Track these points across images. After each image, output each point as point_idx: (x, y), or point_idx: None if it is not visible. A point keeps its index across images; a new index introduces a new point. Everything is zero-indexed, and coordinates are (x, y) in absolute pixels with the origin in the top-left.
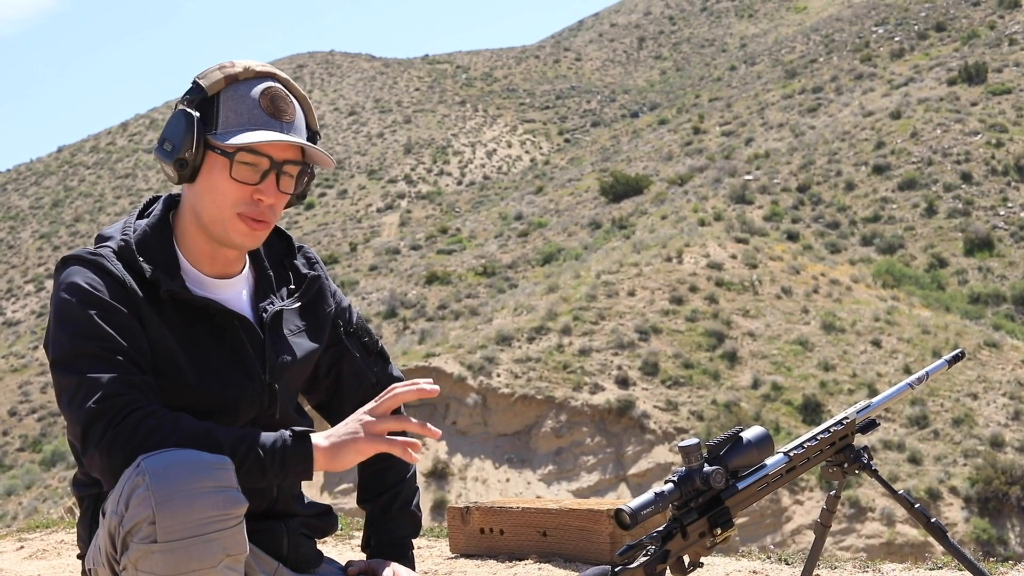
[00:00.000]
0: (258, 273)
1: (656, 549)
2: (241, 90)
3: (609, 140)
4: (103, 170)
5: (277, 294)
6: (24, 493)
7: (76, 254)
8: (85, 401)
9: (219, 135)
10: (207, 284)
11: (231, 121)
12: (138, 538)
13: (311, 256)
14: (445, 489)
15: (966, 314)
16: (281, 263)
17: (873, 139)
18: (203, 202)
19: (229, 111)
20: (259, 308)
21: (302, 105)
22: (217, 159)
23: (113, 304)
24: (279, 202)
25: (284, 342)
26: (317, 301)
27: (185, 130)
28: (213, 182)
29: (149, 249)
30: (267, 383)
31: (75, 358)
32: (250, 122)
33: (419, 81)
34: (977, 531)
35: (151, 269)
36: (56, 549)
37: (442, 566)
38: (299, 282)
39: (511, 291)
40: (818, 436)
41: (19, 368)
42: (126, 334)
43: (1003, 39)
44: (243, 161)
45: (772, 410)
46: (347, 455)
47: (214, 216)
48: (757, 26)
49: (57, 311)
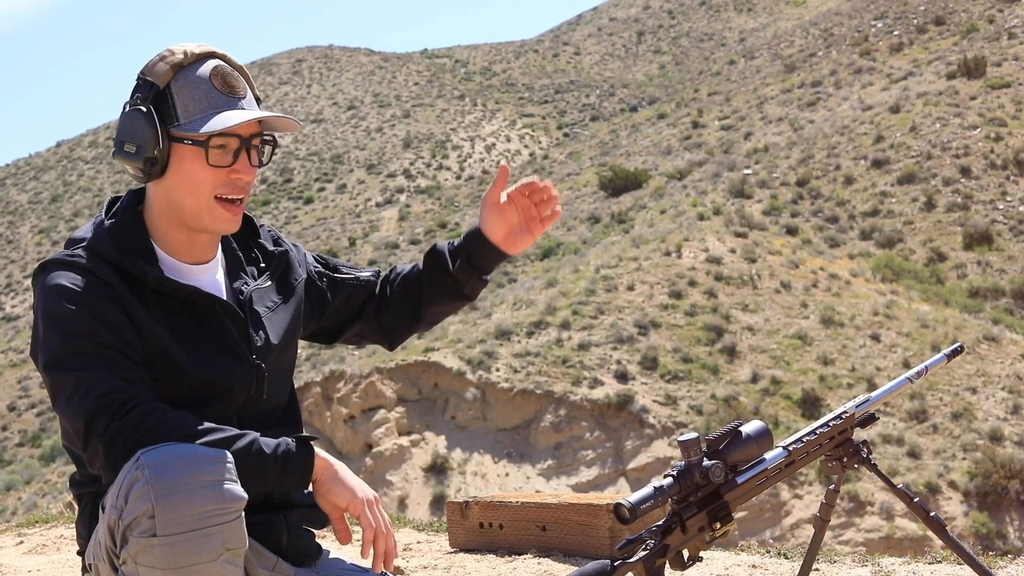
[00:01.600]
0: (228, 256)
1: (655, 543)
2: (190, 76)
3: (608, 134)
4: (102, 165)
5: (248, 273)
6: (23, 488)
7: (54, 258)
8: (86, 397)
9: (184, 126)
10: (185, 272)
11: (191, 109)
12: (137, 532)
13: (274, 234)
14: (444, 484)
15: (965, 308)
16: (246, 243)
17: (872, 133)
18: (179, 194)
19: (186, 100)
20: (235, 290)
21: (243, 75)
22: (187, 149)
23: (100, 301)
24: (253, 177)
25: (263, 321)
26: (287, 274)
27: (147, 128)
28: (187, 173)
29: (125, 243)
30: (255, 364)
31: (69, 356)
32: (211, 106)
33: (418, 75)
34: (976, 525)
35: (133, 261)
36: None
37: (441, 560)
38: (268, 260)
39: (510, 286)
40: (817, 430)
41: (18, 363)
42: (116, 329)
43: (1002, 33)
44: (216, 145)
45: (771, 404)
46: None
47: (193, 206)
48: (756, 20)
49: (44, 314)
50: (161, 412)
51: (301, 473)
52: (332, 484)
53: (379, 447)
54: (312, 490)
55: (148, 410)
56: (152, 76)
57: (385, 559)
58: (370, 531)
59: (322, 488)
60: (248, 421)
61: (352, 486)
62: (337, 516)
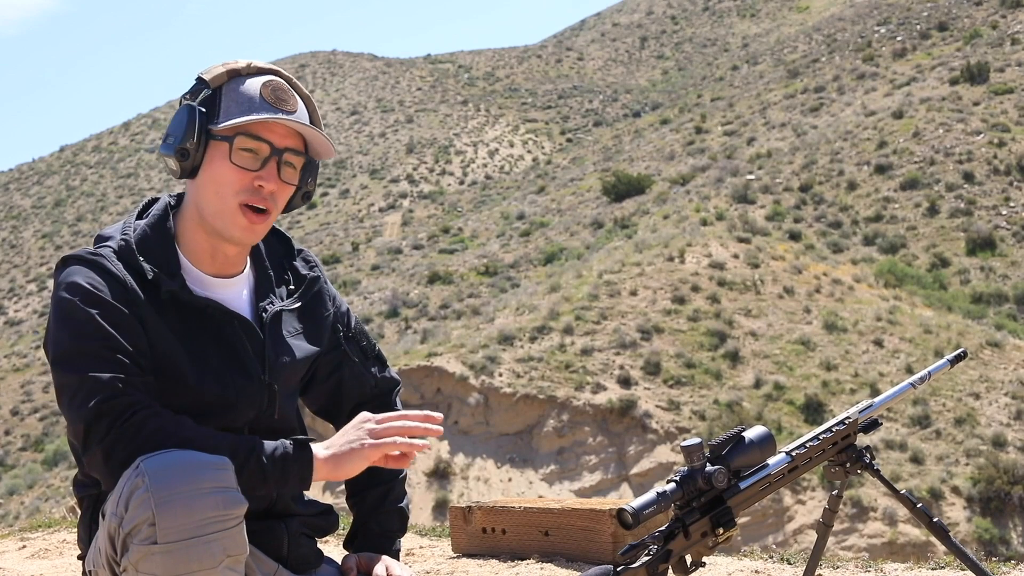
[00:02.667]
0: (259, 273)
1: (658, 549)
2: (243, 82)
3: (611, 140)
4: (105, 169)
5: (276, 294)
6: (26, 492)
7: (76, 254)
8: (88, 400)
9: (217, 123)
10: (207, 283)
11: (231, 110)
12: (138, 539)
13: (310, 259)
14: (447, 489)
15: (968, 314)
16: (281, 264)
17: (875, 139)
18: (205, 194)
19: (230, 101)
20: (259, 308)
21: (306, 102)
22: (218, 147)
23: (114, 304)
24: (281, 192)
25: (283, 343)
26: (316, 304)
27: (187, 121)
28: (214, 171)
29: (149, 249)
30: (266, 383)
31: (76, 356)
32: (250, 109)
33: (421, 81)
34: (979, 531)
35: (152, 269)
36: (58, 548)
37: (444, 566)
38: (298, 283)
39: (513, 291)
40: (820, 436)
41: (21, 368)
42: (127, 334)
43: (1005, 39)
44: (243, 147)
45: (774, 410)
46: (352, 462)
47: (216, 208)
48: (759, 26)
49: (58, 310)
50: (161, 418)
51: (301, 476)
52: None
53: None
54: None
55: (148, 416)
56: (207, 75)
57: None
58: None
59: (335, 477)
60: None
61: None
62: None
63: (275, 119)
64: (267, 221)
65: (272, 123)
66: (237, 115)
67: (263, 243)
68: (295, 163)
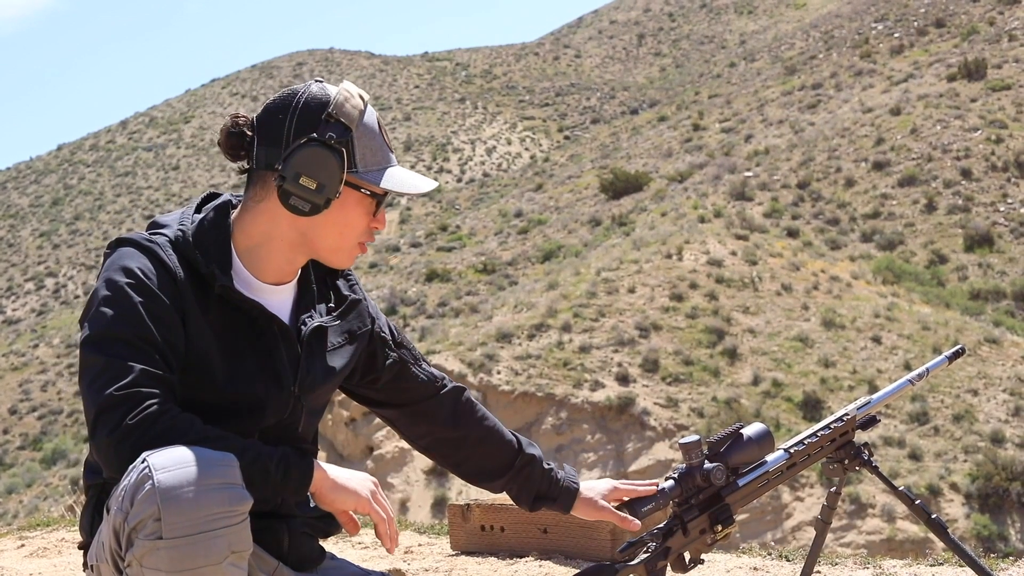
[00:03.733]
0: (302, 287)
1: (657, 546)
2: (365, 124)
3: (609, 137)
4: (103, 168)
5: (317, 310)
6: (25, 491)
7: (132, 238)
8: (107, 386)
9: (363, 175)
10: (255, 287)
11: (368, 160)
12: (143, 534)
13: (352, 278)
14: (445, 487)
15: (966, 310)
16: (324, 281)
17: (873, 135)
18: (326, 232)
19: (364, 149)
20: (299, 320)
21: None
22: (355, 195)
23: (160, 295)
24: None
25: (319, 357)
26: (354, 322)
27: (338, 170)
28: (347, 217)
29: (205, 244)
30: (296, 395)
31: (110, 340)
32: (384, 160)
33: (418, 78)
34: (978, 527)
35: (206, 263)
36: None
37: (443, 563)
38: (339, 302)
39: (511, 288)
40: (818, 433)
41: (19, 367)
42: (164, 327)
43: (1003, 35)
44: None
45: (772, 407)
46: (347, 495)
47: (336, 245)
48: (756, 23)
49: (105, 291)
50: (171, 415)
51: (300, 482)
52: (334, 494)
53: (380, 450)
54: (314, 499)
55: (161, 412)
56: (345, 119)
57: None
58: (382, 524)
59: (326, 499)
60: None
61: (353, 488)
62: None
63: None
64: None
65: None
66: (374, 166)
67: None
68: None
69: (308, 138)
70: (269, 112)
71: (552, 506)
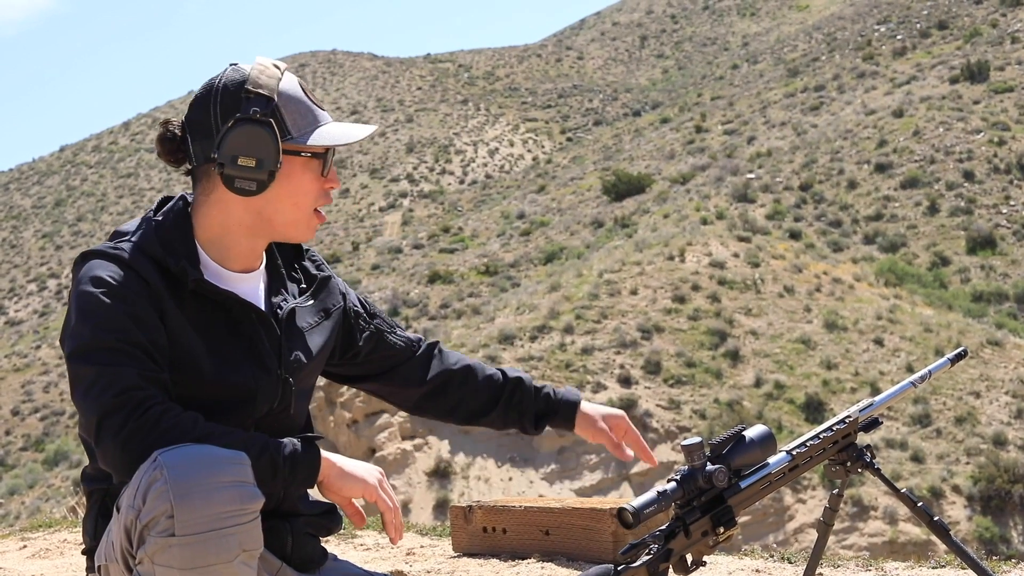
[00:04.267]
0: (271, 270)
1: (659, 548)
2: (286, 87)
3: (611, 139)
4: (105, 169)
5: (288, 291)
6: (27, 492)
7: (97, 249)
8: (103, 393)
9: (298, 139)
10: (225, 277)
11: (300, 124)
12: (156, 532)
13: (317, 259)
14: (448, 488)
15: (968, 312)
16: (291, 263)
17: (875, 137)
18: (280, 206)
19: (293, 113)
20: (273, 304)
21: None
22: (298, 162)
23: (134, 298)
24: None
25: (299, 339)
26: (325, 299)
27: (271, 141)
28: (296, 185)
29: (170, 242)
30: (283, 377)
31: (95, 350)
32: (314, 120)
33: (421, 80)
34: (980, 529)
35: (175, 261)
36: (59, 548)
37: (444, 565)
38: (309, 282)
39: (513, 290)
40: (821, 435)
41: (22, 368)
42: (146, 328)
43: (1005, 37)
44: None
45: (774, 409)
46: (352, 484)
47: (293, 218)
48: (759, 24)
49: (78, 304)
50: (175, 413)
51: (308, 473)
52: (341, 481)
53: (382, 451)
54: (320, 489)
55: (163, 411)
56: (265, 90)
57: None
58: (389, 513)
59: (333, 486)
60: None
61: (360, 476)
62: (347, 504)
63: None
64: None
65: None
66: (307, 127)
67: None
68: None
69: (234, 119)
70: (194, 108)
71: (556, 421)
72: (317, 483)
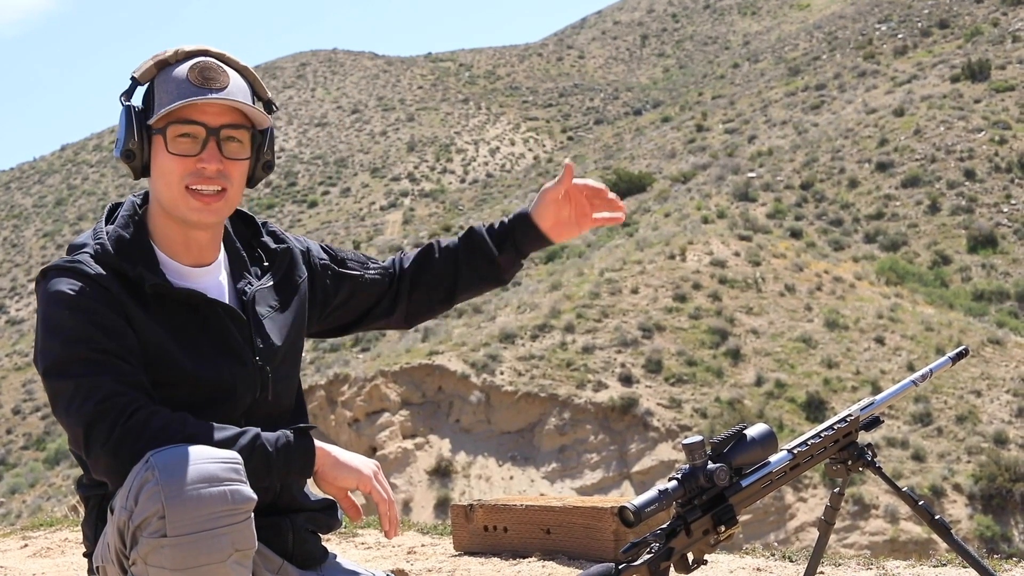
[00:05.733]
0: (231, 256)
1: (660, 547)
2: (171, 72)
3: (612, 138)
4: (106, 168)
5: (252, 273)
6: (28, 491)
7: (54, 264)
8: (84, 404)
9: (152, 117)
10: (186, 274)
11: (163, 101)
12: (148, 532)
13: (276, 232)
14: (449, 487)
15: (970, 311)
16: (250, 244)
17: (876, 136)
18: (158, 186)
19: (161, 93)
20: (238, 290)
21: (244, 75)
22: (157, 141)
23: (99, 307)
24: (231, 168)
25: (268, 323)
26: (290, 272)
27: (125, 122)
28: (159, 164)
29: (126, 248)
30: (259, 366)
31: (68, 363)
32: (178, 95)
33: (422, 79)
34: (981, 528)
35: (132, 266)
36: (60, 547)
37: (446, 564)
38: (271, 259)
39: (514, 289)
40: (822, 433)
41: (23, 367)
42: (115, 335)
43: (1006, 36)
44: (179, 134)
45: (775, 407)
46: (346, 474)
47: (168, 197)
48: (760, 23)
49: (44, 321)
50: (163, 414)
51: (303, 464)
52: (336, 471)
53: (383, 450)
54: (316, 480)
55: (150, 413)
56: (137, 73)
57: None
58: (383, 504)
59: (328, 476)
60: (256, 424)
61: (355, 466)
62: (343, 497)
63: (196, 100)
64: (224, 198)
65: (203, 104)
66: (167, 105)
67: (230, 226)
68: (239, 136)
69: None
70: None
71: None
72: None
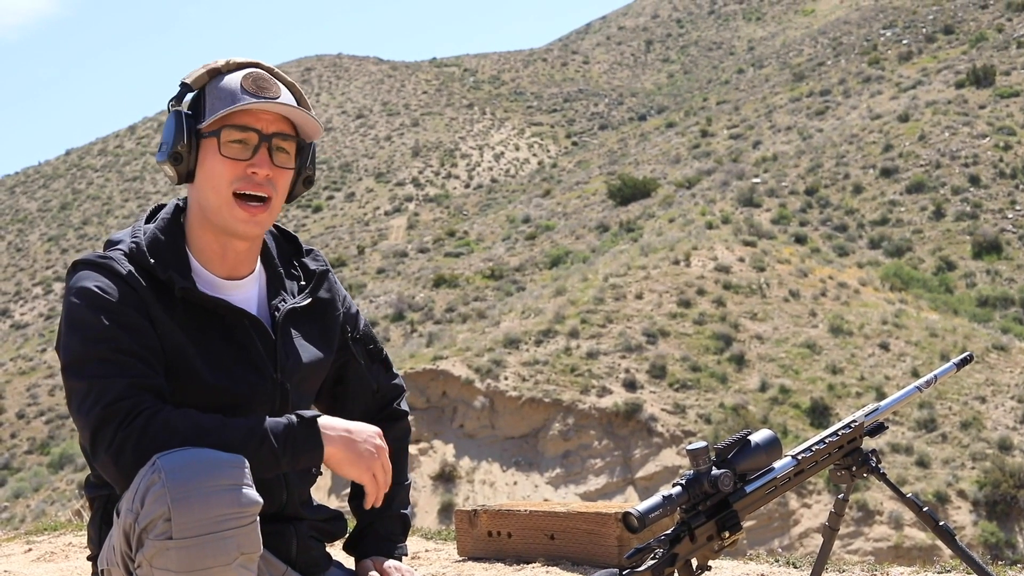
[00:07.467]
0: (269, 272)
1: (664, 552)
2: (224, 79)
3: (617, 143)
4: (111, 173)
5: (288, 291)
6: (32, 496)
7: (86, 258)
8: (94, 406)
9: (204, 121)
10: (218, 285)
11: (216, 107)
12: (153, 535)
13: (319, 256)
14: (453, 492)
15: (974, 317)
16: (290, 262)
17: (881, 142)
18: (204, 193)
19: (214, 99)
20: (271, 307)
21: (290, 88)
22: (208, 144)
23: (123, 307)
24: (279, 177)
25: (295, 342)
26: (327, 304)
27: (175, 125)
28: (208, 168)
29: (160, 251)
30: (278, 381)
31: (86, 362)
32: (233, 101)
33: (427, 84)
34: (985, 534)
35: (163, 269)
36: (64, 552)
37: (450, 569)
38: (308, 278)
39: (519, 294)
40: (826, 439)
41: (27, 371)
42: (137, 336)
43: (1011, 42)
44: (232, 139)
45: (780, 413)
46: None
47: (215, 203)
48: (765, 29)
49: (68, 315)
50: (164, 414)
51: (311, 455)
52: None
53: None
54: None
55: (151, 415)
56: (190, 79)
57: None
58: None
59: (335, 470)
60: None
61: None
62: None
63: (257, 104)
64: (268, 210)
65: (257, 110)
66: (221, 110)
67: (274, 243)
68: (287, 147)
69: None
70: None
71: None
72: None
